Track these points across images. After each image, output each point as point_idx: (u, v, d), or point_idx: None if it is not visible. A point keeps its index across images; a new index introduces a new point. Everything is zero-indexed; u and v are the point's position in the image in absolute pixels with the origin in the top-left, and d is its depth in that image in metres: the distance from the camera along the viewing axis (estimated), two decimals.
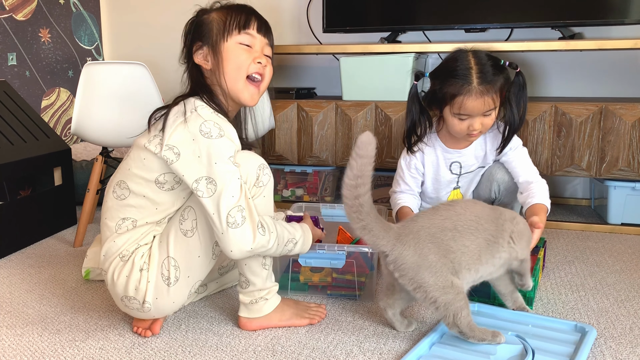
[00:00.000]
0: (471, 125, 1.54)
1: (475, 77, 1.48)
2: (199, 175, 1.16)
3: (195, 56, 1.28)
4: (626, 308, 1.44)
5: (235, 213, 1.15)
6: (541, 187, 1.59)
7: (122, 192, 1.25)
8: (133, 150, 1.26)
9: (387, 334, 1.31)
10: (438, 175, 1.70)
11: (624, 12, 2.10)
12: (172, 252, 1.23)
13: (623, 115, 2.01)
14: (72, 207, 2.20)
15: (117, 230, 1.25)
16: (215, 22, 1.27)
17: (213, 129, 1.18)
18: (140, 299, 1.23)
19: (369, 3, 2.41)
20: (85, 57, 2.89)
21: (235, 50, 1.26)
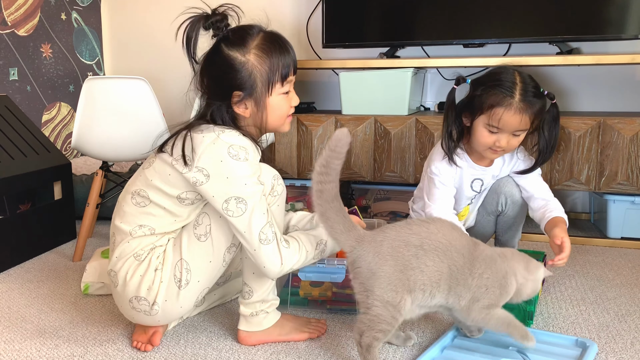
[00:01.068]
0: (498, 141, 1.51)
1: (518, 93, 1.47)
2: (228, 195, 1.18)
3: (234, 104, 1.25)
4: (627, 323, 1.43)
5: (267, 230, 1.19)
6: (558, 204, 1.59)
7: (142, 200, 1.26)
8: (157, 163, 1.26)
9: (387, 349, 1.30)
10: (461, 190, 1.66)
11: (621, 27, 2.12)
12: (185, 254, 1.24)
13: (621, 129, 2.02)
14: (71, 221, 2.20)
15: (133, 234, 1.26)
16: (259, 74, 1.24)
17: (240, 152, 1.19)
18: (151, 300, 1.23)
19: (368, 19, 2.43)
20: (87, 72, 2.91)
21: (279, 102, 1.28)
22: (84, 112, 1.86)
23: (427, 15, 2.32)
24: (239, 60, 1.23)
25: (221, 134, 1.20)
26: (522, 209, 1.67)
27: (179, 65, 2.99)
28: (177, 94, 1.33)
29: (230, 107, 1.26)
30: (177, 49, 1.29)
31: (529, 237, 2.17)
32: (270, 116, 1.28)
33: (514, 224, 1.71)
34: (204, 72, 1.28)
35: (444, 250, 1.16)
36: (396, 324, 1.16)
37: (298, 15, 2.69)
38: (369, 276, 1.15)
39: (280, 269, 1.20)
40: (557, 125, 1.55)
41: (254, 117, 1.28)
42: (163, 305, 1.24)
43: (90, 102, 1.85)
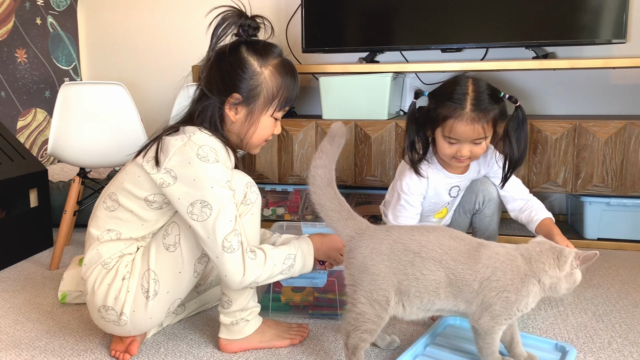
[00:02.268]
0: (459, 151, 1.52)
1: (469, 103, 1.48)
2: (194, 198, 1.16)
3: (227, 104, 1.25)
4: (604, 322, 1.46)
5: (232, 238, 1.16)
6: (537, 202, 1.63)
7: (113, 204, 1.25)
8: (129, 165, 1.26)
9: (369, 352, 1.30)
10: (438, 199, 1.68)
11: (595, 32, 2.16)
12: (153, 265, 1.22)
13: (596, 132, 2.05)
14: (48, 229, 2.16)
15: (100, 239, 1.24)
16: (265, 90, 1.25)
17: (210, 154, 1.18)
18: (118, 310, 1.21)
19: (347, 24, 2.45)
20: (63, 77, 2.87)
21: (268, 124, 1.30)
22: (61, 118, 1.83)
23: (406, 21, 2.34)
24: (254, 68, 1.24)
25: (192, 136, 1.19)
26: (498, 207, 1.70)
27: (157, 70, 2.98)
28: (155, 99, 1.32)
29: (223, 106, 1.25)
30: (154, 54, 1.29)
31: (510, 239, 2.19)
32: (255, 132, 1.29)
33: (491, 222, 1.73)
34: (215, 64, 1.26)
35: (439, 259, 1.13)
36: (382, 324, 1.15)
37: (277, 19, 2.69)
38: (361, 270, 1.14)
39: (242, 280, 1.17)
40: (523, 128, 1.55)
41: (240, 125, 1.27)
42: (131, 315, 1.22)
43: (66, 108, 1.82)
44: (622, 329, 1.41)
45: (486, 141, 1.54)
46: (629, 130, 2.03)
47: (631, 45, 2.32)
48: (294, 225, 1.84)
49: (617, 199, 2.10)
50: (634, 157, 2.03)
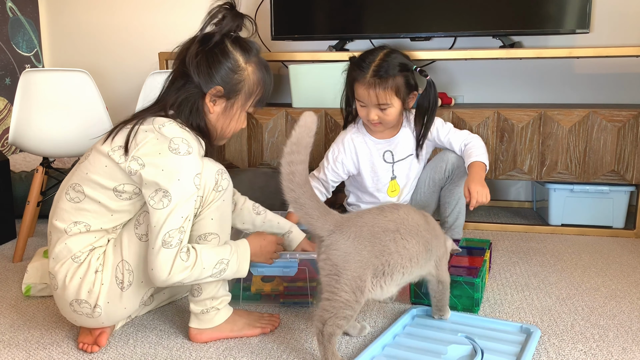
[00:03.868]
0: (368, 114, 1.69)
1: (371, 69, 1.64)
2: (158, 186, 1.15)
3: (209, 95, 1.25)
4: (567, 306, 1.50)
5: (175, 234, 1.14)
6: (476, 145, 1.75)
7: (77, 195, 1.21)
8: (93, 154, 1.22)
9: (339, 340, 1.31)
10: (374, 166, 1.80)
11: (559, 22, 2.20)
12: (127, 255, 1.20)
13: (560, 120, 2.10)
14: (11, 220, 2.10)
15: (68, 232, 1.21)
16: (247, 86, 1.28)
17: (181, 145, 1.17)
18: (92, 303, 1.19)
19: (316, 11, 2.43)
20: (24, 64, 2.77)
21: (241, 118, 1.33)
22: (22, 106, 1.77)
23: (376, 9, 2.34)
24: (239, 63, 1.26)
25: (162, 128, 1.18)
26: (464, 170, 1.76)
27: (122, 57, 2.91)
28: (121, 86, 1.29)
29: (203, 97, 1.25)
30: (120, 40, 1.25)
31: (478, 225, 2.23)
32: (229, 125, 1.30)
33: (459, 193, 1.79)
34: (202, 52, 1.24)
35: (416, 232, 1.23)
36: (358, 309, 1.17)
37: (246, 5, 2.65)
38: (345, 259, 1.14)
39: (166, 279, 1.15)
40: (432, 99, 1.72)
41: (216, 118, 1.28)
42: (105, 307, 1.20)
43: (28, 96, 1.77)
44: (585, 311, 1.46)
45: (393, 108, 1.68)
46: (592, 118, 2.08)
47: (594, 35, 2.38)
48: None
49: (580, 185, 2.16)
50: (597, 144, 2.09)
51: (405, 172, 1.82)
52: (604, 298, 1.55)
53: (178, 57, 1.27)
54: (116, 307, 1.21)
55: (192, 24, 1.27)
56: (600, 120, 2.07)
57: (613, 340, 1.30)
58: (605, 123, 2.07)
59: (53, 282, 1.23)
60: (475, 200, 1.57)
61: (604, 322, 1.40)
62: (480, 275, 1.46)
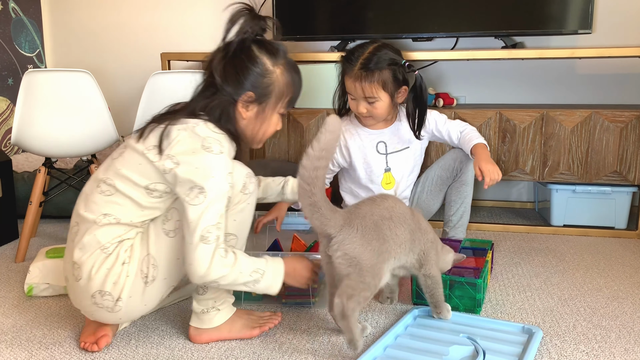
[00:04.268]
0: (357, 107, 1.72)
1: (359, 63, 1.66)
2: (193, 183, 1.16)
3: (240, 102, 1.26)
4: (569, 307, 1.50)
5: (212, 230, 1.15)
6: (472, 130, 1.80)
7: (108, 189, 1.22)
8: (128, 152, 1.23)
9: (341, 341, 1.31)
10: (367, 157, 1.81)
11: (562, 23, 2.20)
12: (153, 250, 1.21)
13: (563, 121, 2.10)
14: (13, 220, 2.11)
15: (98, 222, 1.20)
16: (277, 88, 1.28)
17: (214, 145, 1.18)
18: (115, 295, 1.19)
19: (318, 12, 2.43)
20: (27, 64, 2.78)
21: (275, 121, 1.34)
22: (25, 106, 1.78)
23: (378, 10, 2.34)
24: (267, 66, 1.27)
25: (195, 127, 1.19)
26: (471, 177, 1.78)
27: (124, 57, 2.91)
28: (123, 87, 1.29)
29: (236, 103, 1.26)
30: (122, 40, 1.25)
31: (480, 226, 2.23)
32: (264, 128, 1.32)
33: (466, 192, 1.80)
34: (229, 59, 1.25)
35: (405, 219, 1.29)
36: (375, 292, 1.23)
37: None
38: (360, 251, 1.20)
39: (204, 274, 1.15)
40: (422, 94, 1.72)
41: (250, 123, 1.30)
42: (127, 301, 1.20)
43: (30, 96, 1.77)
44: (587, 312, 1.46)
45: (381, 102, 1.70)
46: (594, 119, 2.08)
47: (597, 35, 2.37)
48: None
49: (582, 186, 2.16)
50: (599, 145, 2.09)
51: (401, 165, 1.82)
52: (606, 299, 1.54)
53: (206, 67, 1.29)
54: (137, 303, 1.21)
55: (195, 24, 1.27)
56: (602, 120, 2.07)
57: (615, 341, 1.30)
58: (607, 124, 2.07)
59: (77, 273, 1.21)
60: (488, 178, 1.60)
61: (606, 323, 1.39)
62: (482, 276, 1.46)
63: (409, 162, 1.83)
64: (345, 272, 1.20)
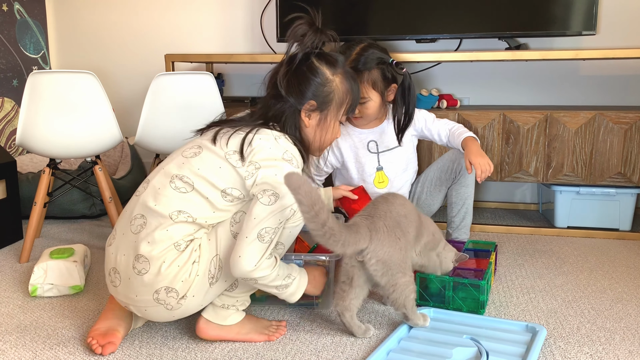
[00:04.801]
0: None
1: (347, 64, 1.62)
2: (268, 187, 1.20)
3: (304, 110, 1.33)
4: (573, 308, 1.49)
5: (270, 232, 1.19)
6: (460, 127, 1.81)
7: (184, 186, 1.23)
8: (206, 153, 1.25)
9: (344, 342, 1.31)
10: (358, 157, 1.82)
11: (566, 24, 2.20)
12: (221, 251, 1.22)
13: (567, 122, 2.09)
14: (17, 221, 2.12)
15: (173, 218, 1.21)
16: (337, 96, 1.35)
17: (294, 158, 1.26)
18: (182, 293, 1.20)
19: (321, 13, 2.43)
20: (31, 65, 2.79)
21: (336, 127, 1.40)
22: (29, 107, 1.79)
23: (381, 11, 2.34)
24: (326, 75, 1.34)
25: (279, 139, 1.26)
26: (472, 178, 1.80)
27: (128, 59, 2.92)
28: (127, 88, 1.29)
29: (299, 112, 1.33)
30: (126, 42, 1.26)
31: (483, 227, 2.23)
32: (326, 136, 1.38)
33: (467, 194, 1.80)
34: (292, 71, 1.33)
35: (415, 217, 1.37)
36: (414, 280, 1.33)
37: (252, 8, 2.66)
38: (390, 253, 1.26)
39: (251, 269, 1.17)
40: (410, 94, 1.72)
41: (312, 130, 1.36)
42: (189, 300, 1.21)
43: (35, 98, 1.78)
44: (591, 314, 1.45)
45: (372, 102, 1.72)
46: (598, 120, 2.07)
47: (600, 37, 2.37)
48: None
49: (586, 188, 2.15)
50: (603, 146, 2.08)
51: (393, 163, 1.83)
52: (610, 301, 1.54)
53: (270, 81, 1.36)
54: (196, 302, 1.23)
55: (199, 26, 1.28)
56: (606, 122, 2.07)
57: (619, 343, 1.30)
58: (611, 125, 2.06)
59: (141, 266, 1.19)
60: (479, 171, 1.62)
61: (610, 325, 1.39)
62: (485, 277, 1.45)
63: (401, 161, 1.84)
64: (382, 280, 1.26)
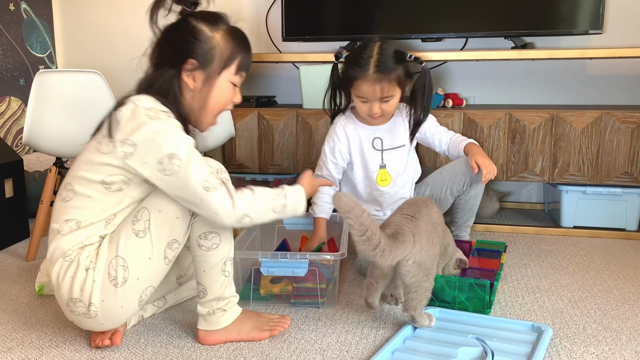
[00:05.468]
0: (371, 109, 1.70)
1: (372, 65, 1.64)
2: (160, 154, 1.14)
3: (184, 71, 1.24)
4: (579, 308, 1.49)
5: (210, 178, 1.14)
6: (461, 136, 1.85)
7: (67, 194, 1.22)
8: (82, 152, 1.25)
9: (349, 341, 1.31)
10: (363, 153, 1.81)
11: (572, 23, 2.19)
12: (122, 251, 1.19)
13: (573, 122, 2.08)
14: (24, 219, 2.13)
15: (61, 231, 1.21)
16: (219, 52, 1.25)
17: (159, 114, 1.17)
18: (86, 301, 1.19)
19: (327, 12, 2.43)
20: (38, 65, 2.80)
21: (226, 88, 1.28)
22: (36, 106, 1.79)
23: (386, 10, 2.34)
24: (205, 33, 1.24)
25: (137, 101, 1.18)
26: (481, 187, 1.82)
27: (134, 58, 2.92)
28: (132, 87, 1.29)
29: (180, 74, 1.24)
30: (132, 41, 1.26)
31: (489, 227, 2.22)
32: (213, 97, 1.27)
33: (473, 204, 1.84)
34: (164, 38, 1.26)
35: (444, 226, 1.43)
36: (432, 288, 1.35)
37: (257, 7, 2.66)
38: (426, 256, 1.28)
39: (233, 211, 1.15)
40: (428, 88, 1.73)
41: (198, 92, 1.26)
42: (101, 305, 1.19)
43: (42, 97, 1.79)
44: (597, 314, 1.45)
45: (394, 99, 1.71)
46: (605, 120, 2.06)
47: (607, 36, 2.36)
48: None
49: (592, 187, 2.14)
50: (609, 146, 2.07)
51: (397, 163, 1.82)
52: (616, 301, 1.53)
53: (151, 52, 1.29)
54: (112, 305, 1.20)
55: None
56: (613, 121, 2.06)
57: (626, 344, 1.29)
58: (618, 124, 2.05)
59: (52, 284, 1.24)
60: (485, 171, 1.66)
61: (616, 325, 1.38)
62: (497, 278, 1.46)
63: (404, 160, 1.83)
64: (410, 278, 1.27)
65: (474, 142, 1.80)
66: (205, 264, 1.24)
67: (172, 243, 1.22)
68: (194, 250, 1.25)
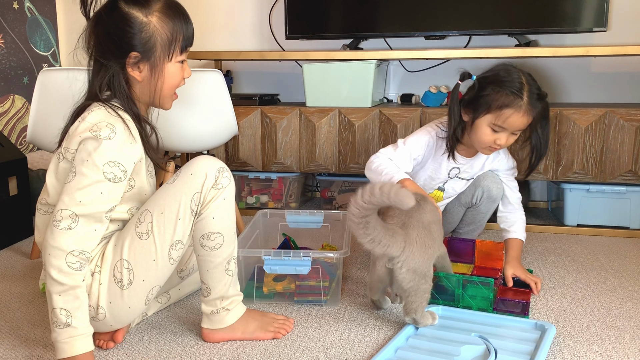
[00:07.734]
0: (498, 139, 1.54)
1: (526, 94, 1.49)
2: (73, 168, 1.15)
3: (128, 65, 1.20)
4: (583, 307, 1.48)
5: (65, 214, 1.11)
6: (522, 217, 1.70)
7: (42, 207, 1.26)
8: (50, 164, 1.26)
9: (352, 339, 1.31)
10: (435, 174, 1.71)
11: (576, 20, 2.18)
12: (126, 254, 1.20)
13: (577, 120, 2.08)
14: (28, 217, 2.13)
15: None
16: (159, 37, 1.20)
17: (103, 130, 1.14)
18: (94, 305, 1.20)
19: (330, 10, 2.43)
20: (41, 63, 2.81)
21: (174, 70, 1.25)
22: (39, 104, 1.80)
23: (390, 8, 2.33)
24: (140, 20, 1.18)
25: (88, 114, 1.17)
26: (493, 206, 1.74)
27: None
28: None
29: (124, 69, 1.20)
30: None
31: (491, 225, 2.21)
32: (163, 85, 1.24)
33: (483, 219, 1.79)
34: (99, 28, 1.20)
35: (440, 224, 1.40)
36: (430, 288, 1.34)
37: (260, 5, 2.66)
38: (420, 262, 1.28)
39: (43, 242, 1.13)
40: (548, 122, 1.61)
41: (148, 83, 1.23)
42: (109, 307, 1.20)
43: (45, 95, 1.79)
44: (600, 312, 1.45)
45: (519, 133, 1.57)
46: (609, 118, 2.06)
47: (612, 33, 2.35)
48: (278, 212, 1.84)
49: (596, 185, 2.13)
50: (614, 144, 2.06)
51: (454, 190, 1.76)
52: (620, 299, 1.53)
53: (88, 49, 1.23)
54: (120, 307, 1.21)
55: (207, 23, 1.27)
56: (617, 119, 2.05)
57: (629, 342, 1.29)
58: (622, 122, 2.05)
59: None
60: (534, 285, 1.55)
61: (620, 324, 1.38)
62: None
63: (460, 189, 1.77)
64: (407, 283, 1.28)
65: (519, 240, 1.65)
66: (209, 263, 1.24)
67: (176, 244, 1.22)
68: (197, 250, 1.25)
